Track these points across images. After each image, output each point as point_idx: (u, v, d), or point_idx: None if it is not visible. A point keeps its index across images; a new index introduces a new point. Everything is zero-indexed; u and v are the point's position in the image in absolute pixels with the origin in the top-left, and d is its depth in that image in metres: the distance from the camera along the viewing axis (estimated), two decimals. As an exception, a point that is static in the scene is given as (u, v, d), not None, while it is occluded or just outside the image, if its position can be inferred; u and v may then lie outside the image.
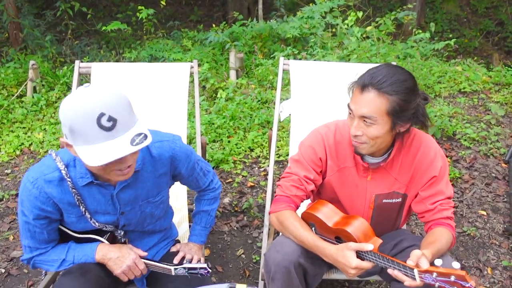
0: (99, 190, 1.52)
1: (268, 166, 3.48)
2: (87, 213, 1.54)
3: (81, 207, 1.52)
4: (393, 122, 1.54)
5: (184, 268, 1.60)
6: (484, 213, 3.04)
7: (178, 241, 1.96)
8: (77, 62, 2.58)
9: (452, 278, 1.29)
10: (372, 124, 1.53)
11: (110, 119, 1.26)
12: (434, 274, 1.33)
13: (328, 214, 1.68)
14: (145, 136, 1.32)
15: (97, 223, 1.58)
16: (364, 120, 1.54)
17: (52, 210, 1.50)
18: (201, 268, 1.59)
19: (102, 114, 1.25)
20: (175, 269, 1.60)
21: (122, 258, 1.58)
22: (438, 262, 1.37)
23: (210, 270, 1.60)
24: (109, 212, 1.58)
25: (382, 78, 1.50)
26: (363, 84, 1.53)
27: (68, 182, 1.47)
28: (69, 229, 1.63)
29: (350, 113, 1.60)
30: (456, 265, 1.35)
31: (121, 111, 1.29)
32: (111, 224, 1.62)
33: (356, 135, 1.57)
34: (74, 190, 1.48)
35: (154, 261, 1.65)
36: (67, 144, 1.35)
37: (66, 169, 1.46)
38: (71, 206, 1.52)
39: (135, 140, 1.29)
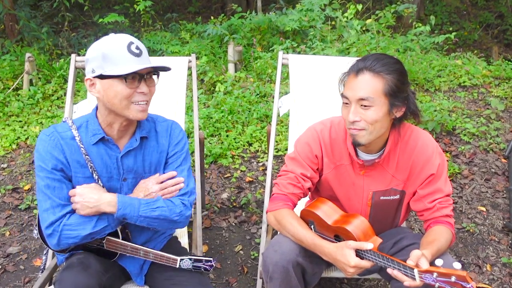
0: (107, 151, 1.59)
1: (266, 160, 3.45)
2: (95, 174, 1.58)
3: (90, 168, 1.57)
4: (390, 103, 1.53)
5: (190, 259, 1.61)
6: (484, 209, 3.03)
7: (175, 237, 1.95)
8: (73, 56, 2.53)
9: (453, 279, 1.28)
10: (370, 107, 1.52)
11: (138, 48, 1.50)
12: (435, 274, 1.32)
13: (328, 212, 1.66)
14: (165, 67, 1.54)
15: (101, 184, 1.60)
16: (362, 104, 1.53)
17: (65, 163, 1.56)
18: (206, 261, 1.62)
19: (131, 43, 1.49)
20: (180, 259, 1.62)
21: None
22: (438, 262, 1.35)
23: (214, 265, 1.63)
24: (113, 176, 1.62)
25: (374, 61, 1.53)
26: (357, 69, 1.54)
27: (78, 142, 1.56)
28: None
29: (345, 103, 1.58)
30: (457, 265, 1.34)
31: (144, 48, 1.53)
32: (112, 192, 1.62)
33: (354, 121, 1.55)
34: (83, 150, 1.56)
35: (160, 252, 1.65)
36: (91, 83, 1.51)
37: (77, 130, 1.58)
38: (79, 165, 1.57)
39: (158, 64, 1.52)
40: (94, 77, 1.49)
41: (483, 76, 4.82)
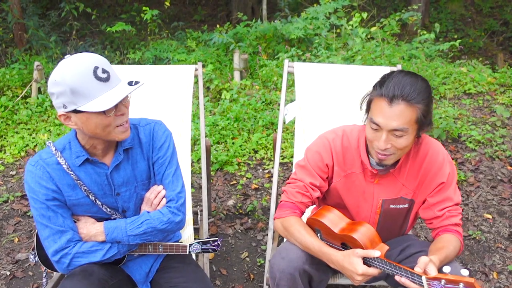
0: (95, 170, 1.57)
1: (272, 168, 3.47)
2: (91, 195, 1.57)
3: (84, 190, 1.55)
4: (419, 128, 1.54)
5: (198, 243, 1.70)
6: (490, 216, 3.02)
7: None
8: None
9: (461, 286, 1.28)
10: (403, 135, 1.52)
11: (104, 71, 1.39)
12: (443, 281, 1.32)
13: (334, 220, 1.67)
14: (137, 82, 1.44)
15: (100, 203, 1.59)
16: (394, 133, 1.52)
17: (56, 190, 1.53)
18: (213, 241, 1.71)
19: (96, 67, 1.38)
20: (190, 245, 1.69)
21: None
22: (446, 269, 1.36)
23: (220, 244, 1.73)
24: (106, 192, 1.60)
25: (409, 88, 1.48)
26: (391, 96, 1.49)
27: (64, 167, 1.52)
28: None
29: (375, 128, 1.54)
30: (464, 272, 1.34)
31: (108, 66, 1.42)
32: (111, 207, 1.63)
33: (385, 148, 1.55)
34: (71, 172, 1.53)
35: (169, 242, 1.70)
36: (65, 117, 1.43)
37: (60, 154, 1.54)
38: (70, 188, 1.55)
39: (131, 83, 1.43)
40: (68, 112, 1.41)
41: (488, 84, 4.83)
